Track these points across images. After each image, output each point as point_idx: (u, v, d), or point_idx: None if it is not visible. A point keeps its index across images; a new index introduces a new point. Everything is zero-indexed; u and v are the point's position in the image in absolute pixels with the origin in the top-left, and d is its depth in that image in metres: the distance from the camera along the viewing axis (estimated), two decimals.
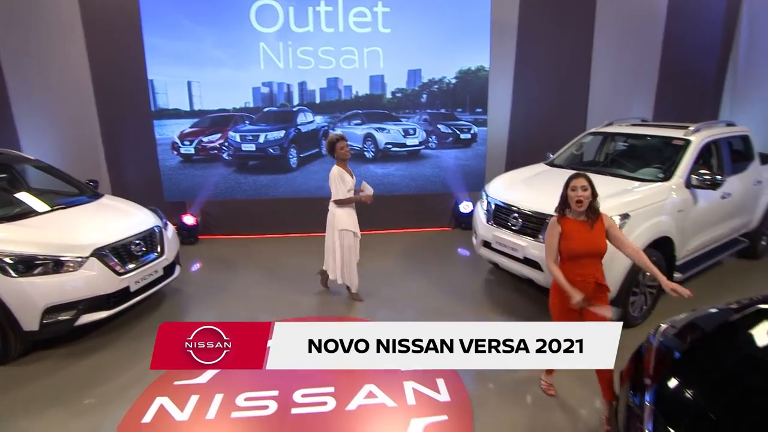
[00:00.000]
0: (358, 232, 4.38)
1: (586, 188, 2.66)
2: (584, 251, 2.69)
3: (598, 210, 2.73)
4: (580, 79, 7.04)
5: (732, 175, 4.84)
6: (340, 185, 4.19)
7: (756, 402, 1.92)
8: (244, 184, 6.45)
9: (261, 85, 6.15)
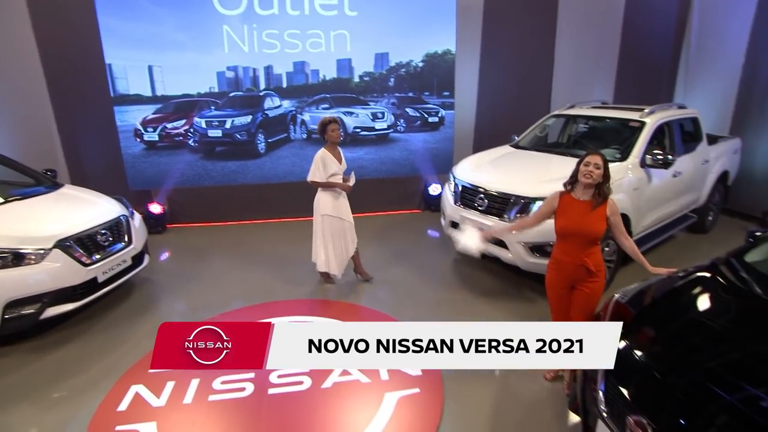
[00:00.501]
0: (345, 217, 4.30)
1: (599, 166, 2.60)
2: (574, 230, 2.66)
3: (607, 195, 2.66)
4: (544, 63, 7.23)
5: (683, 154, 5.12)
6: (319, 168, 4.12)
7: (697, 360, 2.11)
8: (212, 170, 6.34)
9: (226, 70, 6.01)
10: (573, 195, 2.72)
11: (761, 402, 1.82)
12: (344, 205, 4.31)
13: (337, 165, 4.16)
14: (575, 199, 2.70)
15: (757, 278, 2.46)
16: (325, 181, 4.16)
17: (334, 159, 4.15)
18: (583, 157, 2.69)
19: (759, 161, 6.16)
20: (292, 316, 4.02)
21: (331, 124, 4.10)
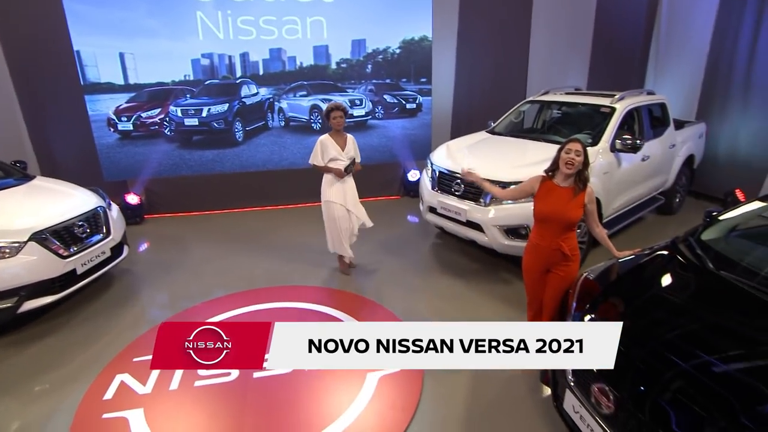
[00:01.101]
0: (343, 203, 4.30)
1: (579, 153, 2.64)
2: (553, 216, 2.72)
3: (587, 181, 2.72)
4: (520, 49, 7.32)
5: (651, 139, 5.31)
6: (317, 152, 4.17)
7: (657, 332, 2.27)
8: (189, 160, 6.27)
9: (200, 57, 5.91)
10: (554, 181, 2.78)
11: (713, 368, 1.99)
12: (343, 191, 4.29)
13: (336, 150, 4.17)
14: (556, 185, 2.76)
15: (711, 255, 2.64)
16: (321, 166, 4.19)
17: (334, 144, 4.17)
18: (564, 144, 2.73)
19: (722, 145, 6.43)
20: (272, 303, 4.07)
21: (335, 111, 4.11)
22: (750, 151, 6.08)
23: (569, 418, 2.30)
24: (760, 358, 1.99)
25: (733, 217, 3.02)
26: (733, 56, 6.15)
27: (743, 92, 6.10)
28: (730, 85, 6.24)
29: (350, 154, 4.24)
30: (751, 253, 2.75)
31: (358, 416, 2.78)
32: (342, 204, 4.28)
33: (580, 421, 2.20)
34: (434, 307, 4.07)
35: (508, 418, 2.79)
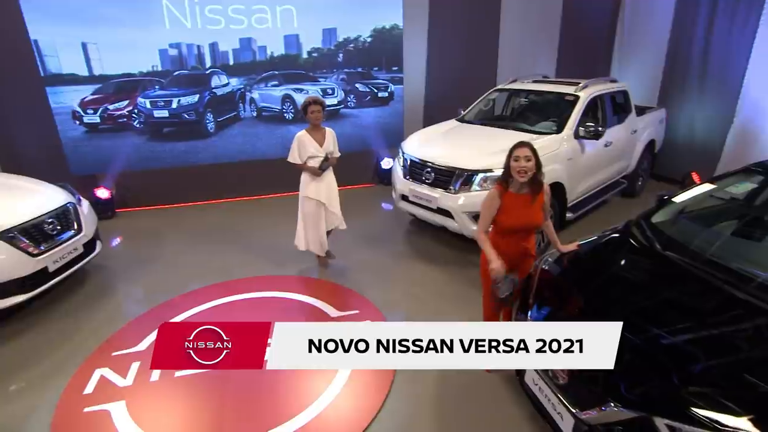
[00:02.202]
0: (322, 200, 4.22)
1: (529, 158, 2.54)
2: (521, 227, 2.69)
3: (542, 183, 2.65)
4: (490, 37, 7.43)
5: (614, 125, 5.54)
6: (294, 150, 4.08)
7: (613, 310, 2.45)
8: (161, 152, 6.18)
9: (168, 47, 5.78)
10: (512, 191, 2.67)
11: (662, 340, 2.18)
12: (319, 188, 4.20)
13: (314, 147, 4.07)
14: (515, 194, 2.66)
15: (659, 237, 2.84)
16: (299, 164, 4.11)
17: (312, 141, 4.07)
18: (511, 151, 2.61)
19: (681, 130, 6.74)
20: (249, 293, 4.14)
21: (312, 105, 3.98)
22: (705, 136, 6.40)
23: (530, 390, 2.49)
24: (697, 330, 2.20)
25: (683, 200, 3.24)
26: (690, 46, 6.42)
27: (699, 80, 6.38)
28: (687, 73, 6.52)
29: (328, 149, 4.15)
30: (695, 233, 2.97)
31: (336, 396, 2.90)
32: (318, 200, 4.21)
33: (539, 392, 2.38)
34: (409, 292, 4.21)
35: (478, 392, 2.95)
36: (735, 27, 5.88)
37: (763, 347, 2.08)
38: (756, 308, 2.20)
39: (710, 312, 2.29)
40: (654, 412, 1.88)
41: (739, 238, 2.95)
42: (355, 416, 2.79)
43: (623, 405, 1.96)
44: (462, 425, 2.74)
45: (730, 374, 1.94)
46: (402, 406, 2.88)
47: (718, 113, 6.19)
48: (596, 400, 2.05)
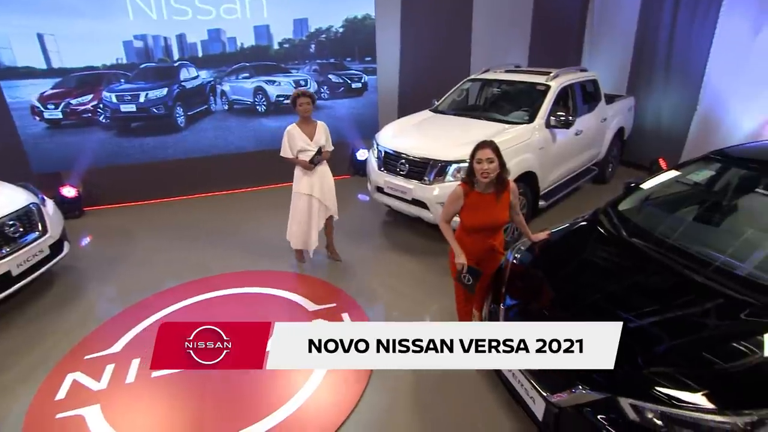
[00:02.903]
0: (314, 194, 4.12)
1: (492, 160, 2.52)
2: (486, 225, 2.69)
3: (507, 181, 2.65)
4: (462, 27, 7.43)
5: (584, 114, 5.64)
6: (285, 144, 3.99)
7: (583, 295, 2.54)
8: (129, 148, 6.00)
9: (133, 39, 5.58)
10: (477, 190, 2.66)
11: (629, 324, 2.26)
12: (312, 182, 4.11)
13: (304, 140, 3.97)
14: (481, 194, 2.65)
15: (625, 224, 2.94)
16: (290, 158, 4.03)
17: (302, 134, 3.97)
18: (474, 152, 2.60)
19: (648, 118, 6.93)
20: (227, 289, 4.10)
21: (301, 97, 3.88)
22: (671, 123, 6.61)
23: (504, 377, 2.56)
24: (660, 313, 2.30)
25: (648, 187, 3.34)
26: (656, 37, 6.58)
27: (665, 70, 6.56)
28: (654, 63, 6.69)
29: (320, 143, 4.05)
30: (659, 220, 3.08)
31: (316, 389, 2.93)
32: (310, 195, 4.12)
33: (513, 378, 2.45)
34: (386, 283, 4.24)
35: (455, 381, 3.01)
36: (697, 19, 6.05)
37: (719, 327, 2.19)
38: (713, 291, 2.31)
39: (672, 296, 2.39)
40: (619, 392, 1.97)
41: (698, 224, 3.07)
42: (333, 410, 2.81)
43: (591, 387, 2.04)
44: (439, 415, 2.80)
45: (689, 354, 2.04)
46: (380, 398, 2.92)
47: (682, 101, 6.39)
48: (566, 383, 2.12)
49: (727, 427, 1.78)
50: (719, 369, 1.95)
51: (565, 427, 2.16)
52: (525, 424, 2.63)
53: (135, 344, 3.38)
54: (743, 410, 1.79)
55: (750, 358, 1.99)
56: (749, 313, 2.18)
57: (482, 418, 2.76)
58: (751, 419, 1.76)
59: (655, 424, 1.88)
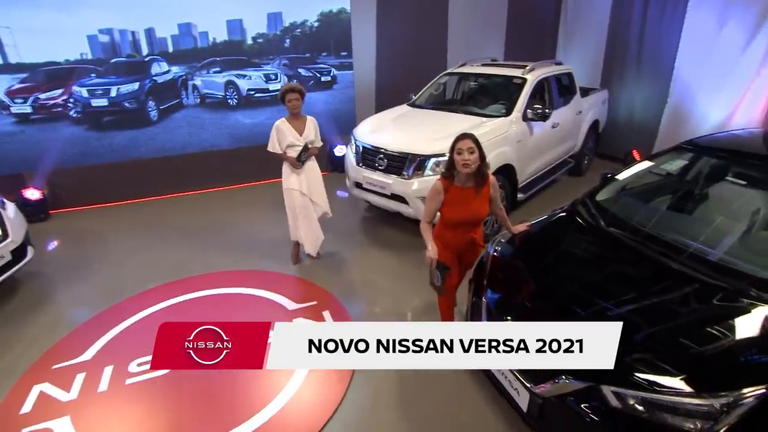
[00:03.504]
0: (304, 191, 4.06)
1: (473, 150, 2.49)
2: (466, 219, 2.68)
3: (486, 175, 2.63)
4: (439, 20, 7.40)
5: (560, 107, 5.70)
6: (273, 139, 3.90)
7: (560, 287, 2.55)
8: (99, 147, 5.78)
9: (98, 33, 5.36)
10: (457, 184, 2.64)
11: (608, 312, 2.29)
12: (304, 178, 4.04)
13: (294, 136, 3.88)
14: (460, 188, 2.63)
15: (603, 214, 2.97)
16: (278, 153, 3.95)
17: (291, 129, 3.88)
18: (454, 144, 2.56)
19: (622, 110, 7.06)
20: (207, 290, 3.99)
21: (290, 92, 3.79)
22: (643, 116, 6.74)
23: (491, 373, 2.55)
24: (638, 300, 2.32)
25: (624, 177, 3.39)
26: (627, 31, 6.70)
27: (636, 63, 6.69)
28: (626, 56, 6.81)
29: (309, 138, 3.95)
30: (636, 209, 3.13)
31: (297, 389, 2.87)
32: (300, 191, 4.05)
33: (497, 371, 2.45)
34: (367, 279, 4.20)
35: (438, 375, 2.98)
36: (666, 14, 6.18)
37: (694, 312, 2.22)
38: (688, 277, 2.35)
39: (649, 283, 2.42)
40: (602, 381, 1.98)
41: (673, 212, 3.13)
42: (316, 410, 2.76)
43: (574, 377, 2.05)
44: (424, 410, 2.77)
45: (666, 339, 2.07)
46: (363, 396, 2.87)
47: (653, 94, 6.52)
48: (549, 374, 2.13)
49: (704, 409, 1.81)
50: (695, 353, 1.99)
51: (549, 417, 2.17)
52: (510, 416, 2.63)
53: (108, 351, 3.25)
54: (719, 392, 1.82)
55: (723, 341, 2.03)
56: (722, 297, 2.23)
57: (467, 412, 2.75)
58: (727, 401, 1.80)
59: (637, 409, 1.90)
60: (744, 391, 1.80)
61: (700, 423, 1.82)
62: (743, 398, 1.79)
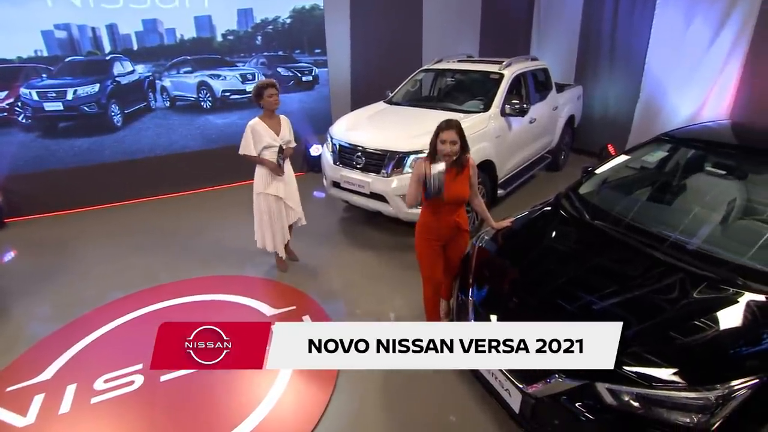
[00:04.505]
0: (281, 195, 3.84)
1: (455, 142, 2.57)
2: (448, 200, 2.67)
3: (465, 163, 2.70)
4: (413, 17, 7.35)
5: (537, 102, 5.70)
6: (248, 140, 3.61)
7: (546, 281, 2.49)
8: (58, 151, 5.45)
9: (54, 29, 5.04)
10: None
11: (593, 306, 2.24)
12: (281, 183, 3.82)
13: (271, 136, 3.63)
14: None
15: (587, 207, 2.93)
16: (253, 156, 3.65)
17: (268, 129, 3.63)
18: (437, 132, 2.63)
19: (596, 105, 7.15)
20: (178, 298, 3.79)
21: (269, 88, 3.56)
22: (617, 110, 6.85)
23: (477, 371, 2.46)
24: (626, 293, 2.28)
25: (605, 170, 3.37)
26: (599, 27, 6.79)
27: (609, 59, 6.79)
28: (599, 52, 6.90)
29: (286, 139, 3.73)
30: (619, 201, 3.11)
31: (279, 399, 2.72)
32: (277, 196, 3.82)
33: (486, 371, 2.37)
34: (348, 281, 4.07)
35: (424, 377, 2.90)
36: (636, 10, 6.29)
37: (682, 304, 2.18)
38: (672, 266, 2.33)
39: (636, 274, 2.39)
40: (595, 378, 1.91)
41: (654, 203, 3.13)
42: (301, 417, 2.63)
43: (567, 375, 1.98)
44: (412, 412, 2.68)
45: (657, 333, 2.02)
46: (349, 401, 2.76)
47: (626, 90, 6.63)
48: (541, 373, 2.06)
49: (700, 402, 1.77)
50: (685, 345, 1.95)
51: (542, 417, 2.09)
52: (500, 416, 2.55)
53: (70, 368, 3.02)
54: (714, 384, 1.78)
55: (713, 332, 2.00)
56: (707, 286, 2.20)
57: (456, 413, 2.66)
58: (722, 393, 1.76)
59: (632, 406, 1.85)
60: (738, 382, 1.77)
61: (696, 417, 1.77)
62: (737, 390, 1.76)
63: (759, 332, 1.98)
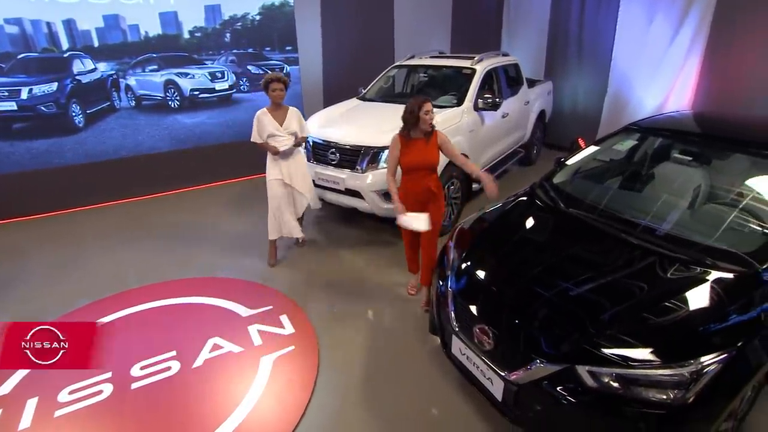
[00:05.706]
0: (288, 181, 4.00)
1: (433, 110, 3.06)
2: (418, 164, 3.09)
3: (432, 130, 3.12)
4: (384, 13, 7.34)
5: (509, 97, 5.77)
6: (254, 129, 3.88)
7: (524, 270, 2.49)
8: (12, 153, 5.15)
9: (4, 23, 4.77)
10: (412, 137, 3.11)
11: (569, 292, 2.25)
12: (283, 167, 3.97)
13: (274, 126, 3.85)
14: (412, 138, 3.11)
15: (561, 196, 2.97)
16: (260, 143, 3.91)
17: (271, 120, 3.85)
18: (420, 105, 3.00)
19: (566, 100, 7.30)
20: (150, 302, 3.63)
21: (275, 82, 3.78)
22: (586, 105, 7.01)
23: (457, 361, 2.45)
24: (602, 278, 2.31)
25: (578, 160, 3.43)
26: (567, 23, 6.94)
27: (578, 55, 6.94)
28: (567, 48, 7.05)
29: (291, 129, 3.93)
30: (592, 190, 3.16)
31: (258, 400, 2.64)
32: (282, 180, 3.98)
33: (467, 361, 2.35)
34: (325, 280, 4.00)
35: (405, 371, 2.89)
36: (601, 7, 6.46)
37: (654, 285, 2.22)
38: (645, 250, 2.38)
39: (610, 259, 2.42)
40: (575, 361, 1.92)
41: (626, 191, 3.20)
42: (282, 417, 2.55)
43: (548, 360, 1.98)
44: (394, 406, 2.64)
45: (631, 315, 2.05)
46: (329, 400, 2.69)
47: (594, 84, 6.79)
48: (522, 360, 2.05)
49: (675, 379, 1.80)
50: (657, 324, 1.99)
51: (525, 404, 2.09)
52: (483, 406, 2.54)
53: (31, 381, 2.84)
54: (687, 360, 1.81)
55: (680, 311, 2.04)
56: (678, 268, 2.25)
57: (438, 406, 2.64)
58: (695, 368, 1.80)
59: (612, 386, 1.86)
60: (709, 357, 1.82)
61: (672, 393, 1.81)
62: (709, 365, 1.80)
63: (726, 309, 2.03)
